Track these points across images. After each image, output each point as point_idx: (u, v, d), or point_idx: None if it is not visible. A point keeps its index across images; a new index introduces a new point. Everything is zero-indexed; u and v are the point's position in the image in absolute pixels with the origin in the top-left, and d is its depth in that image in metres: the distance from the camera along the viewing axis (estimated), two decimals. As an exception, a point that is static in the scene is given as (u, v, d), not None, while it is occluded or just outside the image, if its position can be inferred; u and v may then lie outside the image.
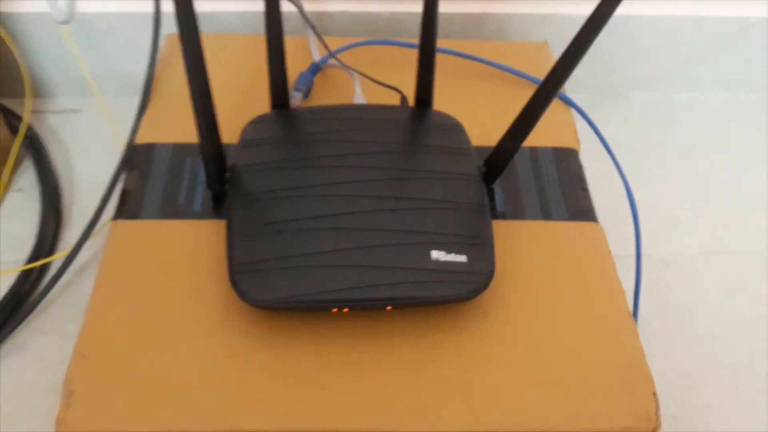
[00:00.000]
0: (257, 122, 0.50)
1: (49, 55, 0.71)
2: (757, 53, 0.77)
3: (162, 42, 0.60)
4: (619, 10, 0.35)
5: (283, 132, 0.49)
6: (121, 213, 0.47)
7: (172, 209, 0.48)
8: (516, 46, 0.64)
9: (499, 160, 0.47)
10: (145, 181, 0.49)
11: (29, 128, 0.69)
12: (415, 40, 0.47)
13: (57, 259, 0.60)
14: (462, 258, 0.41)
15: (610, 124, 0.76)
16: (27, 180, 0.66)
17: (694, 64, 0.78)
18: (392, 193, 0.44)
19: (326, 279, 0.40)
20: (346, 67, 0.57)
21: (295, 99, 0.55)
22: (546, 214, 0.49)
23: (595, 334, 0.42)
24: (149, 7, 0.59)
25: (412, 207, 0.44)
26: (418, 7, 0.44)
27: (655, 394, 0.39)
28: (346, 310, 0.40)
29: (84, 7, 0.65)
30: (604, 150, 0.55)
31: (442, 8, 0.45)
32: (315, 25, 0.58)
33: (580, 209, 0.49)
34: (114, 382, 0.39)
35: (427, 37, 0.46)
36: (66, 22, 0.63)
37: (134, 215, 0.47)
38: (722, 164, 0.74)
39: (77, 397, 0.38)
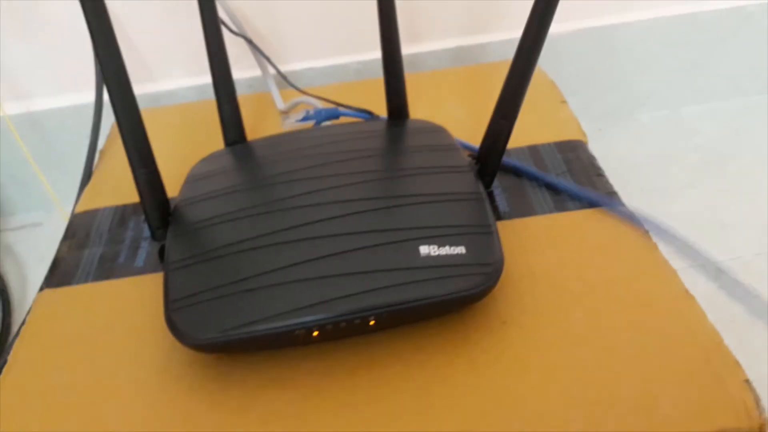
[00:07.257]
0: (207, 159, 0.43)
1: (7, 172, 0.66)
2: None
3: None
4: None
5: (235, 163, 0.42)
6: (48, 282, 0.39)
7: (110, 269, 0.40)
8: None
9: (492, 150, 0.38)
10: (82, 246, 0.42)
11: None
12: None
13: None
14: (459, 249, 0.32)
15: (621, 147, 0.68)
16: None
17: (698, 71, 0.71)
18: (365, 195, 0.36)
19: (285, 297, 0.31)
20: (311, 97, 0.51)
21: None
22: (560, 206, 0.40)
23: (651, 320, 0.32)
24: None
25: (390, 205, 0.35)
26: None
27: (748, 381, 0.29)
28: (316, 333, 0.30)
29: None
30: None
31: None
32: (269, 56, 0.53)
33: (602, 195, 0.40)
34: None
35: (388, 39, 0.40)
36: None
37: (65, 282, 0.39)
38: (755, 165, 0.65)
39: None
